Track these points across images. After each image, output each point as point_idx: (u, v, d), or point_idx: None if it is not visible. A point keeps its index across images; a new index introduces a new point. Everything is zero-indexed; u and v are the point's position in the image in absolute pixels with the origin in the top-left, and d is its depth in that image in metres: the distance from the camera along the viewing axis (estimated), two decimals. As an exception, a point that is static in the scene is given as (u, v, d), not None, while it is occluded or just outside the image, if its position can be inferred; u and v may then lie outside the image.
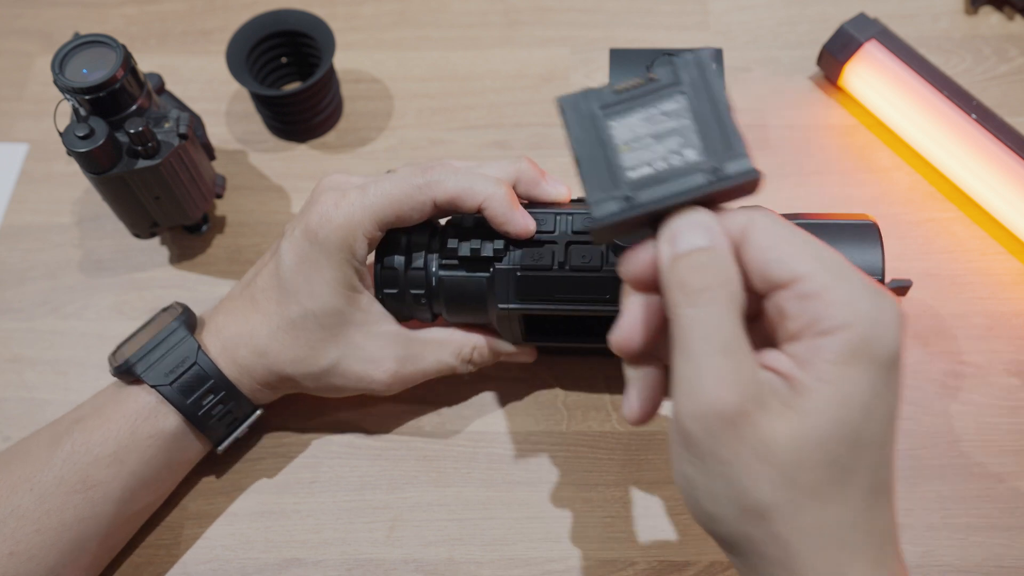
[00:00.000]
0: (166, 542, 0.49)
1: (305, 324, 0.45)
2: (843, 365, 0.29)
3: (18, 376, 0.55)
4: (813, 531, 0.30)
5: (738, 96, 0.63)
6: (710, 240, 0.31)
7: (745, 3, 0.68)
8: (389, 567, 0.48)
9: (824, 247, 0.31)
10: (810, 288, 0.30)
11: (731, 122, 0.32)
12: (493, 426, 0.52)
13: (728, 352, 0.30)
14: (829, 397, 0.29)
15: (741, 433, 0.29)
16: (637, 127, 0.32)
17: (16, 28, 0.69)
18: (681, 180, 0.32)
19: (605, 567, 0.47)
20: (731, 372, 0.29)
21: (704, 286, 0.30)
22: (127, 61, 0.49)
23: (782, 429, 0.29)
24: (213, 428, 0.47)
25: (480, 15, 0.68)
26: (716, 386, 0.29)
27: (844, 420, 0.29)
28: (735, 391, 0.29)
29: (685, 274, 0.31)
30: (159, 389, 0.45)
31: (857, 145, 0.61)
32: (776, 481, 0.29)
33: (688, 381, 0.30)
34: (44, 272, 0.59)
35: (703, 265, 0.31)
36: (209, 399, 0.45)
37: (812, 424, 0.29)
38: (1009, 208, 0.55)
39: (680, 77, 0.33)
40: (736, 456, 0.29)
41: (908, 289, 0.53)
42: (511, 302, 0.45)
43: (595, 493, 0.49)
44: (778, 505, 0.30)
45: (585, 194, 0.33)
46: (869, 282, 0.31)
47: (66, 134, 0.49)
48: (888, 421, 0.31)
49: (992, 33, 0.65)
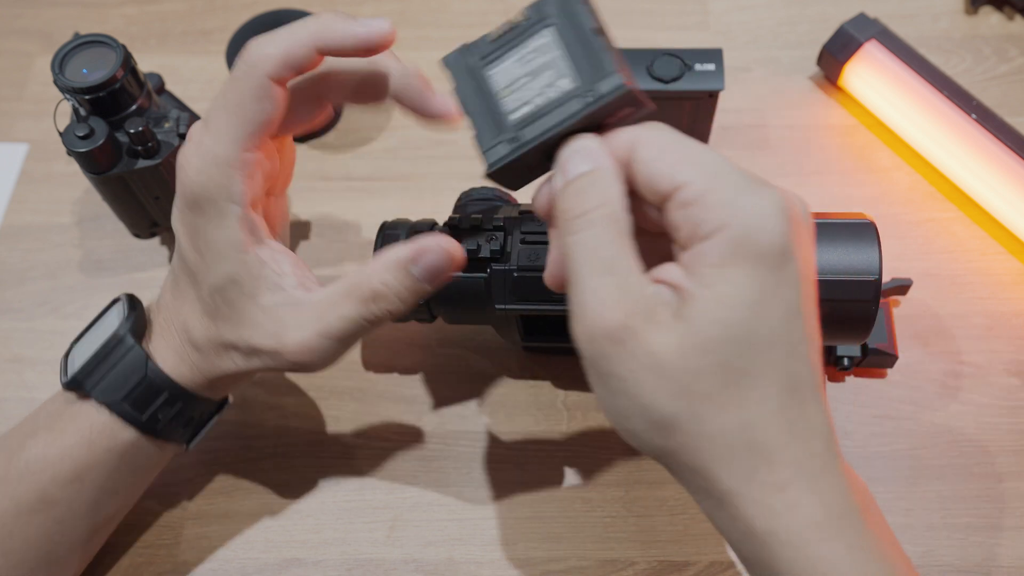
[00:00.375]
0: (166, 542, 0.49)
1: (215, 304, 0.39)
2: (723, 267, 0.29)
3: (18, 376, 0.55)
4: (718, 437, 0.30)
5: (738, 96, 0.63)
6: (592, 164, 0.32)
7: (745, 3, 0.68)
8: (389, 567, 0.48)
9: (706, 151, 0.31)
10: (690, 195, 0.30)
11: (599, 44, 0.33)
12: (493, 426, 0.52)
13: (609, 271, 0.30)
14: (710, 300, 0.29)
15: (631, 349, 0.30)
16: (512, 70, 0.34)
17: (16, 28, 0.69)
18: (559, 110, 0.33)
19: (605, 567, 0.47)
20: (613, 291, 0.30)
21: (583, 210, 0.31)
22: (127, 61, 0.49)
23: (670, 339, 0.29)
24: (176, 434, 0.43)
25: (480, 15, 0.68)
26: (599, 306, 0.30)
27: (729, 322, 0.29)
28: (618, 309, 0.30)
29: (567, 201, 0.31)
30: (111, 407, 0.41)
31: (857, 145, 0.61)
32: (672, 391, 0.30)
33: (576, 305, 0.31)
34: (44, 272, 0.59)
35: (582, 190, 0.31)
36: (166, 411, 0.41)
37: (696, 330, 0.29)
38: (1009, 208, 0.55)
39: (544, 11, 0.33)
40: (631, 372, 0.30)
41: (908, 288, 0.53)
42: (509, 303, 0.45)
43: (595, 493, 0.49)
44: (678, 415, 0.30)
45: (478, 145, 0.34)
46: (750, 180, 0.31)
47: (66, 134, 0.49)
48: (788, 317, 0.30)
49: (992, 33, 0.65)
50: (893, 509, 0.48)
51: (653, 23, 0.67)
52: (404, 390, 0.53)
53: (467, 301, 0.47)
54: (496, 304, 0.45)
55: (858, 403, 0.51)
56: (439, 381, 0.53)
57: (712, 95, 0.56)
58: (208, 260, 0.38)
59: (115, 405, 0.40)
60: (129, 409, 0.41)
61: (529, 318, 0.48)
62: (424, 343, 0.55)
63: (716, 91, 0.56)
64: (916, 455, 0.50)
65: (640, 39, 0.66)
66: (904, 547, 0.47)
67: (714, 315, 0.29)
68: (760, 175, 0.32)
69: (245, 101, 0.37)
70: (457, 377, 0.53)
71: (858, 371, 0.52)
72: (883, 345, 0.50)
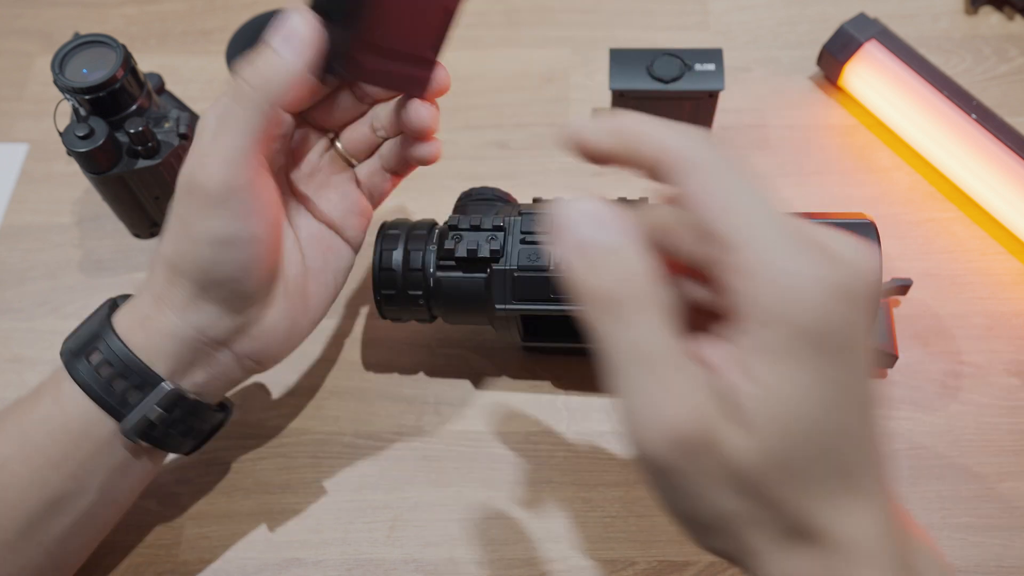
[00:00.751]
0: (166, 542, 0.49)
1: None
2: (782, 364, 0.25)
3: (18, 376, 0.55)
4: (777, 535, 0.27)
5: (738, 96, 0.63)
6: (607, 235, 0.27)
7: (745, 3, 0.68)
8: (389, 567, 0.48)
9: (764, 204, 0.26)
10: (739, 261, 0.26)
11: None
12: (493, 426, 0.52)
13: (661, 367, 0.26)
14: (777, 403, 0.26)
15: (704, 459, 0.26)
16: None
17: (16, 28, 0.70)
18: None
19: (605, 567, 0.47)
20: (670, 394, 0.26)
21: (609, 296, 0.26)
22: (127, 61, 0.49)
23: (745, 445, 0.26)
24: (183, 447, 0.43)
25: (480, 15, 0.68)
26: (658, 413, 0.26)
27: (798, 428, 0.26)
28: (681, 415, 0.26)
29: (585, 279, 0.27)
30: (87, 391, 0.40)
31: (857, 145, 0.61)
32: (752, 498, 0.27)
33: (631, 410, 0.27)
34: (44, 272, 0.59)
35: (601, 266, 0.27)
36: (180, 430, 0.42)
37: (768, 434, 0.26)
38: (1009, 208, 0.55)
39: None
40: (706, 481, 0.27)
41: (908, 288, 0.53)
42: (509, 303, 0.45)
43: (595, 493, 0.49)
44: (741, 517, 0.27)
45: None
46: (812, 248, 0.26)
47: (66, 134, 0.49)
48: (862, 410, 0.27)
49: (992, 33, 0.65)
50: (893, 509, 0.48)
51: (653, 23, 0.67)
52: (404, 390, 0.53)
53: (467, 301, 0.47)
54: (496, 304, 0.45)
55: (858, 403, 0.51)
56: (439, 381, 0.53)
57: (712, 95, 0.56)
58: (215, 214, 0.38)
59: (93, 388, 0.40)
60: (106, 399, 0.40)
61: (529, 318, 0.48)
62: (424, 343, 0.55)
63: (716, 91, 0.56)
64: (916, 455, 0.50)
65: (640, 39, 0.66)
66: (904, 547, 0.47)
67: (779, 425, 0.26)
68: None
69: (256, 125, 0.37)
70: (457, 377, 0.53)
71: (858, 371, 0.52)
72: (883, 345, 0.50)
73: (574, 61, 0.66)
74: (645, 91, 0.56)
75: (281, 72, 0.37)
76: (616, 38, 0.66)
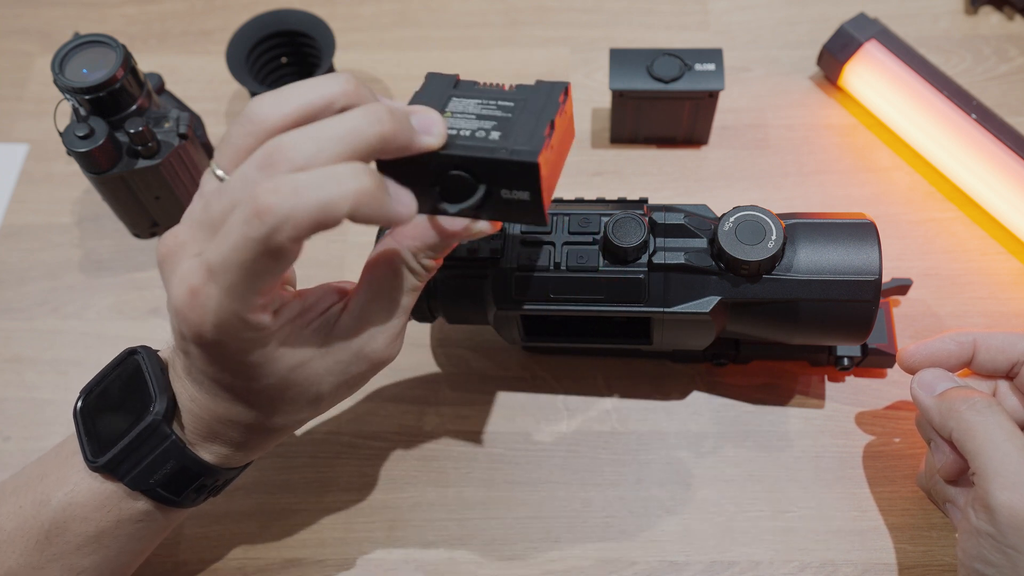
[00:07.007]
0: (166, 542, 0.49)
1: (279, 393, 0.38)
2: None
3: (18, 376, 0.55)
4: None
5: (738, 96, 0.63)
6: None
7: (745, 3, 0.68)
8: (389, 567, 0.48)
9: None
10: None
11: (542, 130, 0.35)
12: (493, 426, 0.52)
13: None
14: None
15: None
16: (468, 105, 0.36)
17: (16, 28, 0.70)
18: (473, 145, 0.34)
19: (605, 567, 0.47)
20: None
21: (974, 407, 0.40)
22: (127, 61, 0.49)
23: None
24: (198, 502, 0.42)
25: (480, 15, 0.68)
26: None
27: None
28: None
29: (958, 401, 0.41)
30: (145, 492, 0.39)
31: (857, 145, 0.61)
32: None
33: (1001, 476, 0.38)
34: (44, 272, 0.59)
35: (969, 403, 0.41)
36: (198, 489, 0.41)
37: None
38: (1009, 208, 0.55)
39: (527, 94, 0.37)
40: None
41: (908, 288, 0.53)
42: (509, 303, 0.45)
43: (595, 493, 0.49)
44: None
45: None
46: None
47: (66, 134, 0.49)
48: None
49: (992, 33, 0.65)
50: (893, 508, 0.48)
51: (653, 23, 0.67)
52: (404, 390, 0.53)
53: (467, 301, 0.47)
54: (496, 304, 0.45)
55: (858, 403, 0.51)
56: (439, 381, 0.53)
57: (712, 95, 0.56)
58: (247, 377, 0.36)
59: (149, 491, 0.39)
60: (163, 492, 0.39)
61: (529, 318, 0.48)
62: (424, 343, 0.55)
63: (716, 91, 0.56)
64: (916, 455, 0.50)
65: (640, 39, 0.66)
66: (904, 547, 0.47)
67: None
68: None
69: (263, 272, 0.32)
70: (457, 377, 0.53)
71: (858, 371, 0.52)
72: (883, 345, 0.50)
73: (574, 61, 0.66)
74: (645, 91, 0.56)
75: None
76: (616, 38, 0.66)
